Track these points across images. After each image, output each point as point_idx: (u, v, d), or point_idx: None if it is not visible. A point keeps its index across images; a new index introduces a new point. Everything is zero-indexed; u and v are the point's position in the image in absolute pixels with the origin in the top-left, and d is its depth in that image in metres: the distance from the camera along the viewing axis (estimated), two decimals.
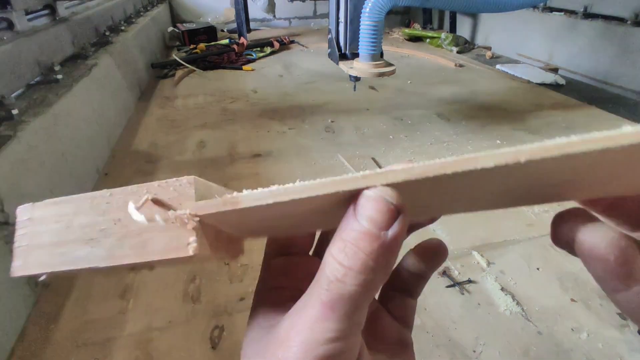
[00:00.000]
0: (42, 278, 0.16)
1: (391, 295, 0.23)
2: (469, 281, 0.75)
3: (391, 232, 0.14)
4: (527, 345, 0.63)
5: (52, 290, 0.75)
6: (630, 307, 0.15)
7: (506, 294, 0.72)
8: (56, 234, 0.16)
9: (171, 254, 0.15)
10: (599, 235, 0.14)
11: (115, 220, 0.15)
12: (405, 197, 0.14)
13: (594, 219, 0.15)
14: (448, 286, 0.74)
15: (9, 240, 0.69)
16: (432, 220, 0.22)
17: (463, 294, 0.73)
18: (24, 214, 0.18)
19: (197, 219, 0.15)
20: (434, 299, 0.71)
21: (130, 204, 0.15)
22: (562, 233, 0.16)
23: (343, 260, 0.14)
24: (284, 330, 0.15)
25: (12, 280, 0.67)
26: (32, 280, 0.72)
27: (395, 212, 0.14)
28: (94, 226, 0.16)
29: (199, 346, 0.64)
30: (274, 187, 0.15)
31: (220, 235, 0.17)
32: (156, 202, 0.15)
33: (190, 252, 0.14)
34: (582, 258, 0.15)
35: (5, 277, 0.65)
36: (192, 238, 0.14)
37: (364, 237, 0.13)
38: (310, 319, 0.14)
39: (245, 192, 0.15)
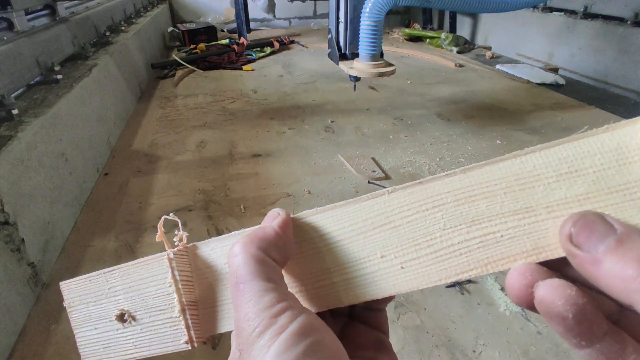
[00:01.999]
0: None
1: (359, 311, 0.23)
2: (469, 281, 0.75)
3: (271, 223, 0.19)
4: (526, 345, 0.63)
5: (52, 290, 0.75)
6: None
7: (506, 294, 0.72)
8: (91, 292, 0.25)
9: (156, 258, 0.22)
10: (557, 293, 0.14)
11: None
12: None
13: (551, 274, 0.15)
14: (448, 286, 0.74)
15: (9, 240, 0.69)
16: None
17: (463, 294, 0.73)
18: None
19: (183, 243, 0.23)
20: (433, 299, 0.71)
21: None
22: (521, 290, 0.15)
23: (237, 247, 0.18)
24: (235, 329, 0.16)
25: (12, 280, 0.67)
26: (32, 280, 0.72)
27: (275, 214, 0.19)
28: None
29: (199, 346, 0.64)
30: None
31: (194, 305, 0.22)
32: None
33: (167, 253, 0.22)
34: (542, 315, 0.15)
35: (5, 277, 0.66)
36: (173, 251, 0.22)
37: (254, 230, 0.19)
38: (237, 301, 0.16)
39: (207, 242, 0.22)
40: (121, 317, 0.22)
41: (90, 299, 0.23)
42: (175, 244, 0.22)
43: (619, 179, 0.16)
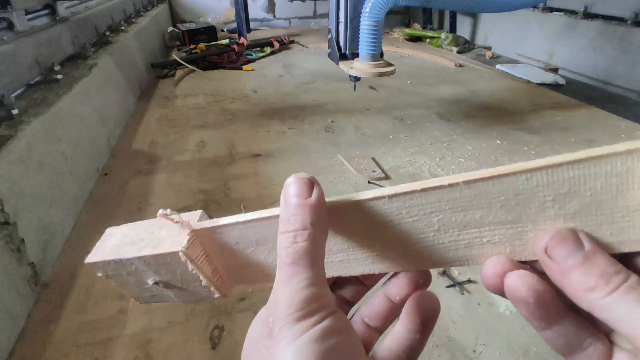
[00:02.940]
0: (98, 271, 0.25)
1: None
2: (469, 281, 0.75)
3: (313, 196, 0.18)
4: (527, 345, 0.63)
5: (52, 290, 0.75)
6: (556, 344, 0.17)
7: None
8: (118, 240, 0.25)
9: (170, 248, 0.22)
10: (521, 281, 0.17)
11: (151, 232, 0.24)
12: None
13: (520, 266, 0.18)
14: (448, 286, 0.74)
15: (9, 240, 0.69)
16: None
17: (463, 294, 0.73)
18: (107, 231, 0.27)
19: (189, 230, 0.23)
20: None
21: (160, 210, 0.24)
22: (493, 279, 0.18)
23: (289, 228, 0.18)
24: (271, 303, 0.18)
25: (12, 280, 0.67)
26: (32, 280, 0.72)
27: (311, 183, 0.19)
28: (138, 237, 0.24)
29: (199, 346, 0.64)
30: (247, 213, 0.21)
31: (216, 271, 0.24)
32: (173, 220, 0.23)
33: (180, 249, 0.22)
34: (510, 300, 0.17)
35: (5, 277, 0.66)
36: (185, 241, 0.22)
37: (297, 207, 0.18)
38: (284, 281, 0.17)
39: (227, 218, 0.22)
40: (157, 284, 0.25)
41: (123, 272, 0.25)
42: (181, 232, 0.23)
43: (610, 204, 0.16)
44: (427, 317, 0.22)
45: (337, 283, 0.25)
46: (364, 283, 0.25)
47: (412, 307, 0.22)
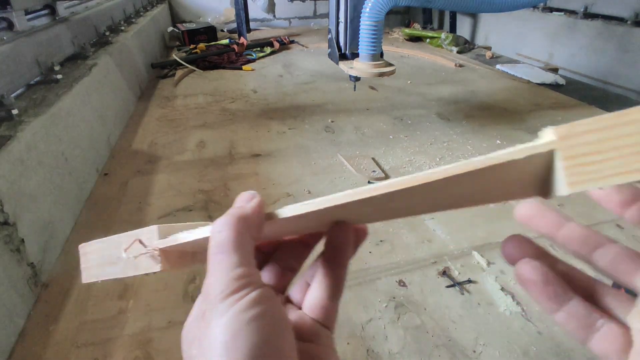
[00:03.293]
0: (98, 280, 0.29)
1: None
2: (469, 281, 0.75)
3: (249, 204, 0.22)
4: (527, 345, 0.63)
5: (52, 290, 0.75)
6: (570, 327, 0.18)
7: (506, 294, 0.72)
8: (98, 259, 0.29)
9: (150, 270, 0.25)
10: (527, 265, 0.19)
11: (123, 250, 0.27)
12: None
13: (534, 249, 0.20)
14: (448, 286, 0.74)
15: (9, 240, 0.69)
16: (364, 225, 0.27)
17: (463, 294, 0.73)
18: (81, 250, 0.31)
19: (158, 251, 0.25)
20: (434, 299, 0.71)
21: (122, 251, 0.27)
22: (509, 257, 0.21)
23: (222, 222, 0.20)
24: (204, 289, 0.20)
25: (12, 280, 0.67)
26: (32, 280, 0.72)
27: (251, 197, 0.22)
28: (115, 256, 0.27)
29: None
30: (196, 230, 0.24)
31: (185, 253, 0.27)
32: (140, 242, 0.26)
33: (159, 269, 0.25)
34: (521, 284, 0.19)
35: (5, 277, 0.66)
36: (158, 264, 0.25)
37: (228, 213, 0.21)
38: (212, 268, 0.19)
39: (182, 234, 0.24)
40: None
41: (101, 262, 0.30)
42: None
43: None
44: (339, 245, 0.24)
45: (281, 249, 0.27)
46: (308, 245, 0.27)
47: (327, 242, 0.25)
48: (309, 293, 0.25)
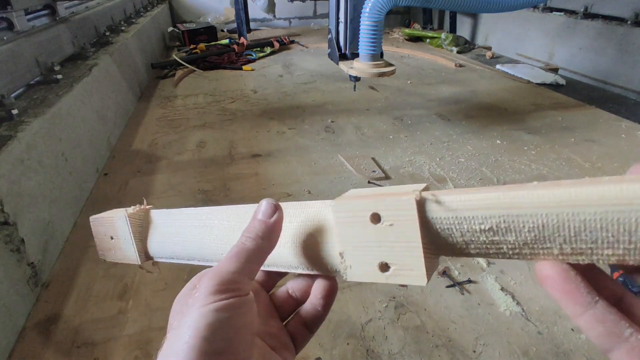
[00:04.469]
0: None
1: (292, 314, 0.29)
2: (469, 281, 0.75)
3: (272, 219, 0.24)
4: (527, 345, 0.63)
5: (52, 290, 0.75)
6: (596, 333, 0.17)
7: (506, 294, 0.72)
8: (105, 219, 0.39)
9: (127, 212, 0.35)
10: (547, 263, 0.18)
11: (115, 214, 0.36)
12: None
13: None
14: (448, 286, 0.74)
15: (9, 240, 0.69)
16: None
17: (463, 294, 0.73)
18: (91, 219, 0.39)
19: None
20: (434, 299, 0.71)
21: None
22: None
23: (246, 233, 0.24)
24: (206, 271, 0.23)
25: (12, 280, 0.67)
26: (32, 280, 0.72)
27: (275, 208, 0.25)
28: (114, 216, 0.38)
29: None
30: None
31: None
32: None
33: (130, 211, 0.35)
34: (543, 285, 0.19)
35: (5, 277, 0.66)
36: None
37: (258, 222, 0.24)
38: (223, 262, 0.23)
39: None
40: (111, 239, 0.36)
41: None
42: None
43: None
44: (328, 294, 0.28)
45: None
46: None
47: (317, 287, 0.28)
48: (298, 312, 0.28)
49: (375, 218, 0.21)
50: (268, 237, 0.24)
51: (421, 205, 0.19)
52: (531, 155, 1.20)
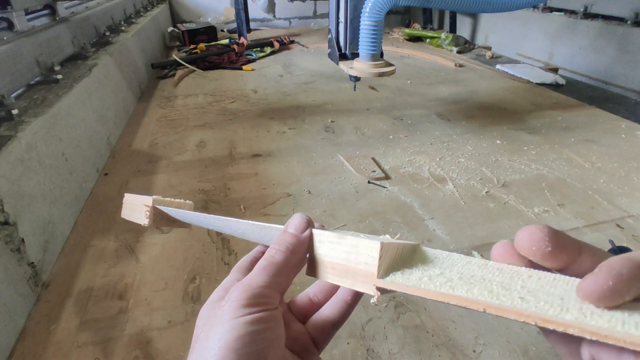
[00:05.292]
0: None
1: (311, 318, 0.29)
2: None
3: (304, 234, 0.24)
4: (526, 345, 0.63)
5: (52, 290, 0.75)
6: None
7: None
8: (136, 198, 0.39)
9: (137, 221, 0.37)
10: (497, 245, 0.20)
11: (143, 199, 0.38)
12: None
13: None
14: None
15: (9, 240, 0.69)
16: None
17: None
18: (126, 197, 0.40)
19: (148, 208, 0.35)
20: None
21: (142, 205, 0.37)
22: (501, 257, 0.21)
23: (276, 246, 0.24)
24: (238, 282, 0.23)
25: (12, 280, 0.67)
26: (32, 280, 0.72)
27: (307, 224, 0.24)
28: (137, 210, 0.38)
29: None
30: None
31: (174, 220, 0.37)
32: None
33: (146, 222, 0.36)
34: (521, 251, 0.19)
35: (5, 276, 0.66)
36: (147, 219, 0.36)
37: (290, 235, 0.24)
38: (252, 274, 0.23)
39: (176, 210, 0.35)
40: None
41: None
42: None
43: None
44: (353, 297, 0.29)
45: None
46: None
47: (344, 289, 0.28)
48: (318, 313, 0.29)
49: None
50: (298, 251, 0.24)
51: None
52: (531, 155, 1.20)
